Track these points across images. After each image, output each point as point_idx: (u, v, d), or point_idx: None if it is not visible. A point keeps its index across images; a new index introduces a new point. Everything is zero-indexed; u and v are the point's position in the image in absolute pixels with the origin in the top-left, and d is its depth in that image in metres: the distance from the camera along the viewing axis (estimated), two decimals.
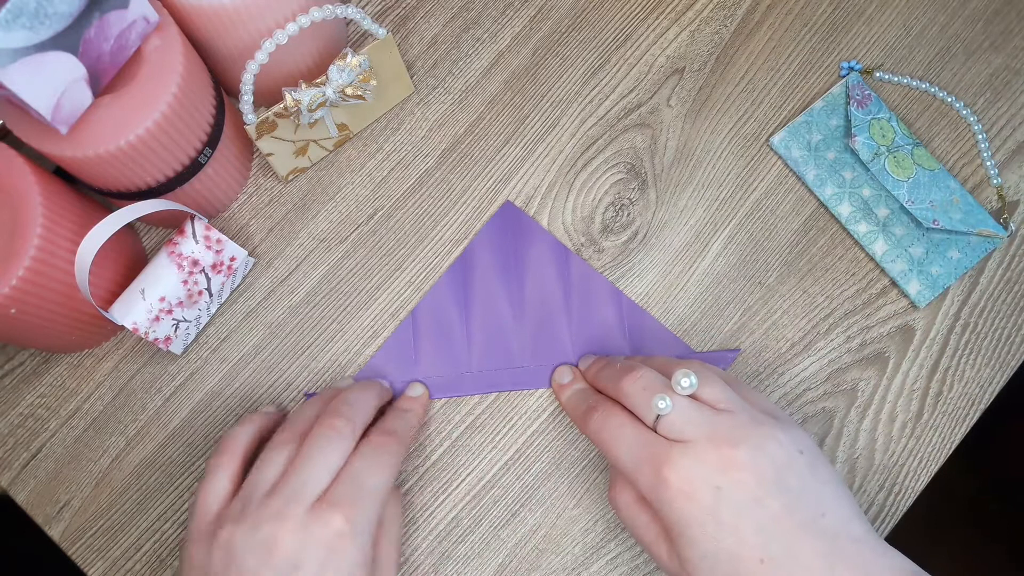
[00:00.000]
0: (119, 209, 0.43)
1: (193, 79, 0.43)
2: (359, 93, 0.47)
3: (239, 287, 0.50)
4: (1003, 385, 0.49)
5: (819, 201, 0.51)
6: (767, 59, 0.53)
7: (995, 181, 0.51)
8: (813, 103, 0.52)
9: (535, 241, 0.50)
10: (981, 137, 0.52)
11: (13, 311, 0.41)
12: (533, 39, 0.54)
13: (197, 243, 0.47)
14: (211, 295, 0.48)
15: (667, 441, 0.38)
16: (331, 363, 0.49)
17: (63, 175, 0.47)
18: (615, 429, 0.40)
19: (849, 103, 0.51)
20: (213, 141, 0.46)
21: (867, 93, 0.51)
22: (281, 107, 0.45)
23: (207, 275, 0.47)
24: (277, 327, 0.50)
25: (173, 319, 0.46)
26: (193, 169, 0.45)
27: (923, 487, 0.48)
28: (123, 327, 0.48)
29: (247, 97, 0.45)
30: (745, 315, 0.50)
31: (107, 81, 0.41)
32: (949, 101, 0.53)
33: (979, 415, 0.49)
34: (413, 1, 0.54)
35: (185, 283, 0.46)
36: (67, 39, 0.38)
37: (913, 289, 0.49)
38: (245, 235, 0.51)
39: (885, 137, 0.51)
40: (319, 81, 0.46)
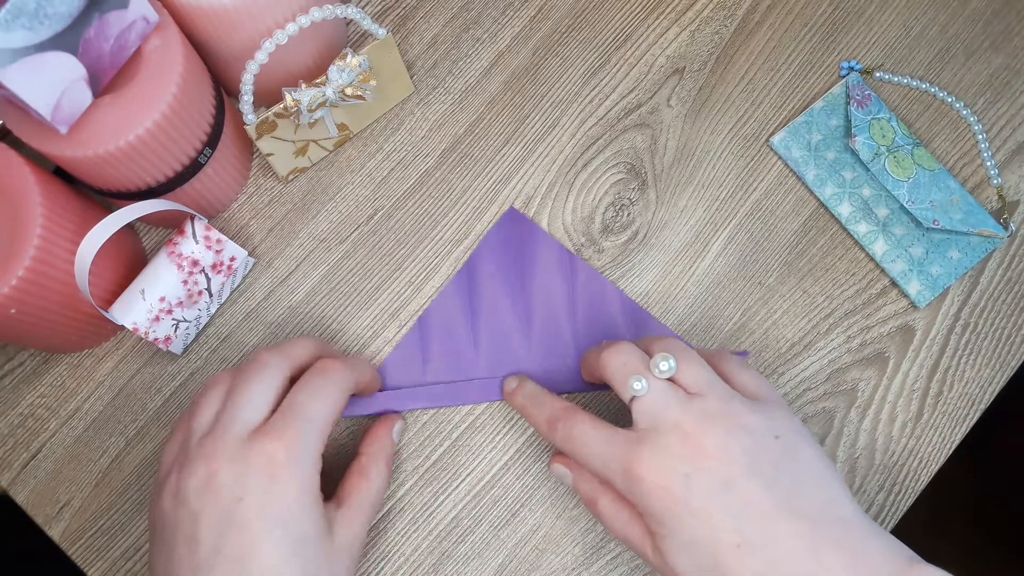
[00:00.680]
0: (119, 209, 0.43)
1: (193, 79, 0.43)
2: (359, 93, 0.47)
3: (239, 287, 0.50)
4: (1003, 385, 0.49)
5: (819, 201, 0.51)
6: (767, 59, 0.53)
7: (995, 181, 0.51)
8: (813, 103, 0.52)
9: (540, 246, 0.50)
10: (981, 137, 0.52)
11: (13, 311, 0.41)
12: (533, 39, 0.54)
13: (197, 243, 0.47)
14: (211, 295, 0.48)
15: (635, 436, 0.38)
16: None
17: (63, 175, 0.47)
18: (581, 437, 0.39)
19: (849, 103, 0.51)
20: (213, 141, 0.46)
21: (867, 93, 0.51)
22: (281, 107, 0.45)
23: (207, 275, 0.47)
24: (277, 327, 0.50)
25: (173, 319, 0.46)
26: (193, 169, 0.45)
27: (923, 487, 0.48)
28: (123, 327, 0.48)
29: (247, 97, 0.45)
30: (745, 315, 0.50)
31: (107, 81, 0.41)
32: (949, 101, 0.53)
33: (979, 415, 0.49)
34: (413, 1, 0.54)
35: (185, 283, 0.46)
36: (67, 39, 0.38)
37: (913, 289, 0.49)
38: (245, 235, 0.51)
39: (885, 137, 0.51)
40: (319, 81, 0.46)
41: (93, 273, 0.43)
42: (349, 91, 0.46)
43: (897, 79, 0.53)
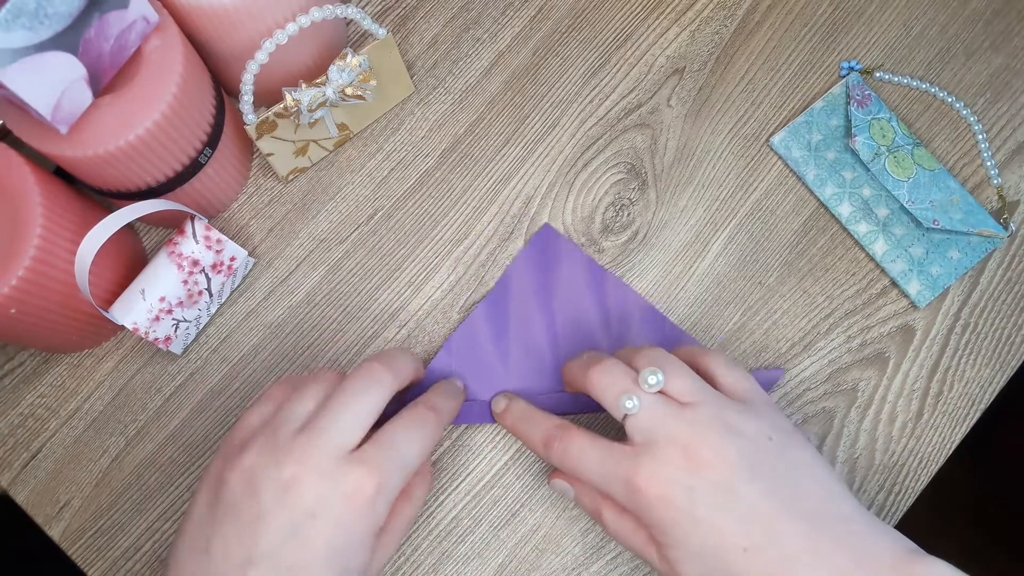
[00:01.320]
0: (119, 209, 0.43)
1: (193, 79, 0.43)
2: (359, 93, 0.47)
3: (239, 287, 0.50)
4: (1003, 385, 0.49)
5: (819, 201, 0.51)
6: (767, 59, 0.53)
7: (995, 181, 0.51)
8: (813, 103, 0.52)
9: (573, 264, 0.49)
10: (981, 137, 0.52)
11: (13, 311, 0.41)
12: (533, 39, 0.54)
13: (197, 243, 0.47)
14: (211, 295, 0.48)
15: (631, 450, 0.38)
16: (331, 363, 0.49)
17: (63, 175, 0.48)
18: (578, 454, 0.39)
19: (849, 103, 0.51)
20: (213, 141, 0.46)
21: (867, 93, 0.51)
22: (281, 107, 0.45)
23: (207, 275, 0.47)
24: (277, 327, 0.50)
25: (173, 319, 0.46)
26: (193, 169, 0.45)
27: (923, 487, 0.48)
28: (123, 327, 0.48)
29: (247, 97, 0.45)
30: (745, 315, 0.50)
31: (107, 81, 0.41)
32: (949, 101, 0.53)
33: (979, 415, 0.49)
34: (413, 1, 0.54)
35: (185, 283, 0.46)
36: (67, 39, 0.38)
37: (913, 289, 0.49)
38: (245, 235, 0.51)
39: (885, 137, 0.51)
40: (319, 81, 0.46)
41: (93, 273, 0.43)
42: (349, 91, 0.46)
43: (897, 79, 0.53)
